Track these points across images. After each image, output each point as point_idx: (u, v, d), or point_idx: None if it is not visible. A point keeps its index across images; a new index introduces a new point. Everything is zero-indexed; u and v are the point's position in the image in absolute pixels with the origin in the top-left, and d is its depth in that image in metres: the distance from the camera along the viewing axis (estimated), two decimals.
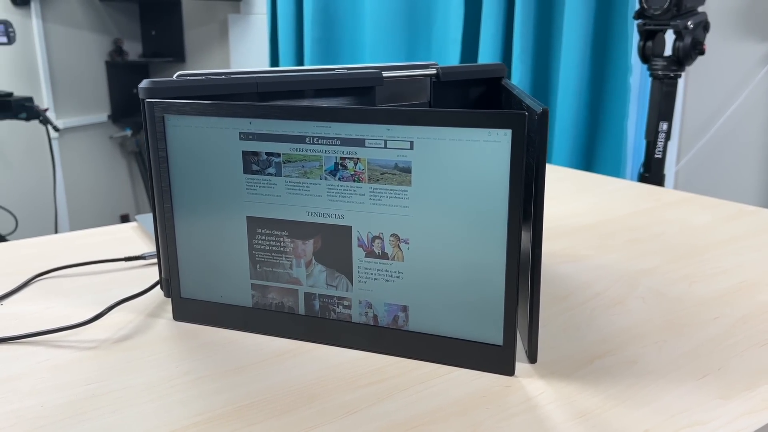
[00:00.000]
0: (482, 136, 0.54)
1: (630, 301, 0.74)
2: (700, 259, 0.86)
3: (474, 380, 0.58)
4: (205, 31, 2.60)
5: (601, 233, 0.97)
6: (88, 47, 2.56)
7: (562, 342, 0.65)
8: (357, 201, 0.59)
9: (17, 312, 0.72)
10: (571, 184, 1.26)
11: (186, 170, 0.65)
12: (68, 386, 0.57)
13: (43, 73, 2.41)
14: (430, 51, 2.23)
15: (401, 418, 0.52)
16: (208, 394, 0.56)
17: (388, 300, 0.61)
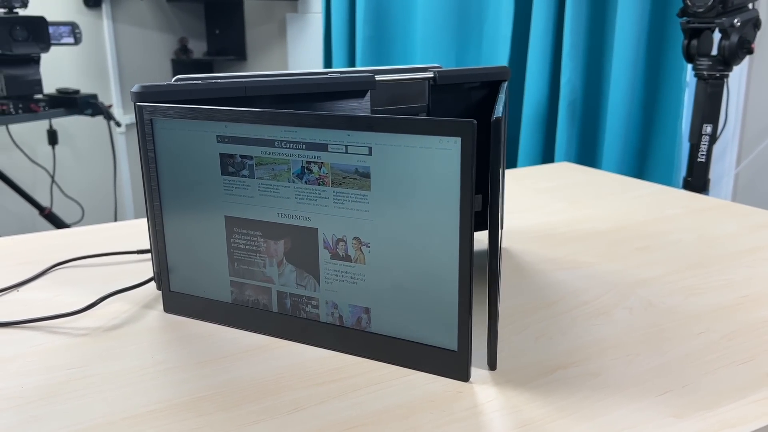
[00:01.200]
0: (434, 144, 0.55)
1: (616, 312, 0.72)
2: (708, 271, 0.83)
3: (428, 384, 0.58)
4: (264, 30, 2.68)
5: (612, 240, 0.95)
6: (154, 46, 2.69)
7: (531, 350, 0.64)
8: (322, 204, 0.61)
9: (29, 298, 0.78)
10: (599, 187, 1.23)
11: (172, 170, 0.68)
12: (51, 370, 0.62)
13: (112, 72, 2.55)
14: (480, 49, 2.21)
15: (343, 418, 0.54)
16: (173, 384, 0.59)
17: (351, 302, 0.62)
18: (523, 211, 1.09)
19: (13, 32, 1.82)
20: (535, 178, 1.31)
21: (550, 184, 1.27)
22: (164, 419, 0.54)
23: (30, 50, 1.86)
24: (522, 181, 1.29)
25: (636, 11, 1.77)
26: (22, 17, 1.84)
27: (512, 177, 1.32)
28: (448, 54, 2.22)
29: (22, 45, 1.85)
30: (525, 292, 0.77)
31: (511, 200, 1.16)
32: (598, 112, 1.99)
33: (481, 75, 0.85)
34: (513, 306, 0.74)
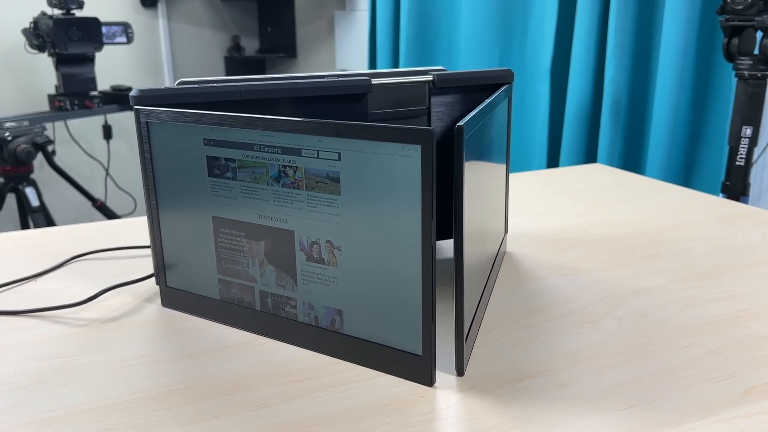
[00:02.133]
0: (397, 151, 0.55)
1: (604, 321, 0.71)
2: (714, 282, 0.80)
3: (393, 387, 0.59)
4: (314, 27, 2.71)
5: (622, 246, 0.93)
6: (208, 44, 2.77)
7: (504, 357, 0.64)
8: (297, 207, 0.63)
9: (43, 288, 0.83)
10: (625, 191, 1.20)
11: (166, 171, 0.71)
12: (45, 358, 0.66)
13: (166, 69, 2.65)
14: (525, 46, 2.18)
15: (301, 417, 0.55)
16: (152, 376, 0.62)
17: (325, 303, 0.64)
18: (539, 215, 1.08)
19: (69, 32, 1.92)
20: (562, 179, 1.29)
21: (576, 186, 1.25)
22: (134, 410, 0.56)
23: (84, 50, 1.96)
24: (547, 182, 1.28)
25: (685, 7, 1.71)
26: (78, 18, 1.93)
27: (537, 178, 1.30)
28: (491, 51, 2.20)
29: (77, 45, 1.94)
30: (515, 298, 0.77)
31: (529, 203, 1.14)
32: (643, 113, 1.93)
33: (483, 78, 0.85)
34: (499, 312, 0.73)
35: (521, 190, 1.22)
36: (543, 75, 2.08)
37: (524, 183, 1.28)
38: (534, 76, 2.13)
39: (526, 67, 2.16)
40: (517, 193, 1.20)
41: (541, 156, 2.14)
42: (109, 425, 0.54)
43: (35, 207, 2.00)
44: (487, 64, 2.19)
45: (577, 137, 2.01)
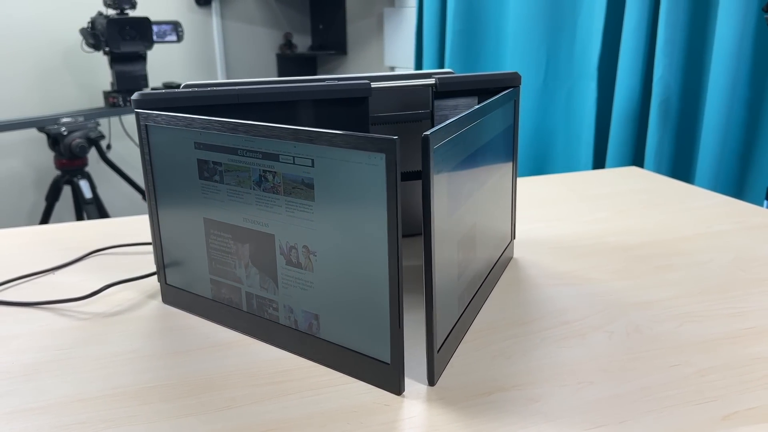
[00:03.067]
0: (364, 159, 0.55)
1: (594, 335, 0.68)
2: (724, 297, 0.76)
3: (362, 394, 0.59)
4: (364, 24, 2.72)
5: (636, 255, 0.89)
6: (260, 42, 2.82)
7: (481, 368, 0.63)
8: (276, 212, 0.63)
9: (59, 281, 0.87)
10: (654, 196, 1.16)
11: (163, 173, 0.73)
12: (44, 349, 0.69)
13: (219, 67, 2.71)
14: (574, 42, 2.12)
15: (264, 420, 0.56)
16: (135, 372, 0.64)
17: (303, 307, 0.64)
18: (556, 220, 1.05)
19: (122, 32, 1.99)
20: (591, 183, 1.26)
21: (604, 190, 1.21)
22: (109, 405, 0.59)
23: (135, 48, 2.03)
24: (574, 186, 1.24)
25: (740, 1, 1.63)
26: (130, 18, 2.01)
27: (564, 181, 1.27)
28: (538, 48, 2.15)
29: (129, 43, 2.02)
30: (509, 307, 0.75)
31: (549, 207, 1.12)
32: (695, 114, 1.85)
33: (488, 81, 0.83)
34: (488, 321, 0.72)
35: (544, 194, 1.20)
36: (590, 73, 2.02)
37: (549, 186, 1.25)
38: (582, 74, 2.08)
39: (575, 64, 2.11)
40: (537, 197, 1.18)
41: (587, 157, 2.08)
42: (84, 419, 0.57)
43: (88, 199, 2.09)
44: (534, 62, 2.15)
45: (624, 138, 1.95)
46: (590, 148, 2.06)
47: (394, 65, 2.70)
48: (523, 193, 1.21)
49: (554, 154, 2.23)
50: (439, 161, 0.58)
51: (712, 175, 1.73)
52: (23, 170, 2.60)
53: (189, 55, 2.64)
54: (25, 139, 2.46)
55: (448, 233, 0.62)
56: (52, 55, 2.41)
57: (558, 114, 2.18)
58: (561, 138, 2.19)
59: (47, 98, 2.42)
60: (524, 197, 1.18)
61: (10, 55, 2.35)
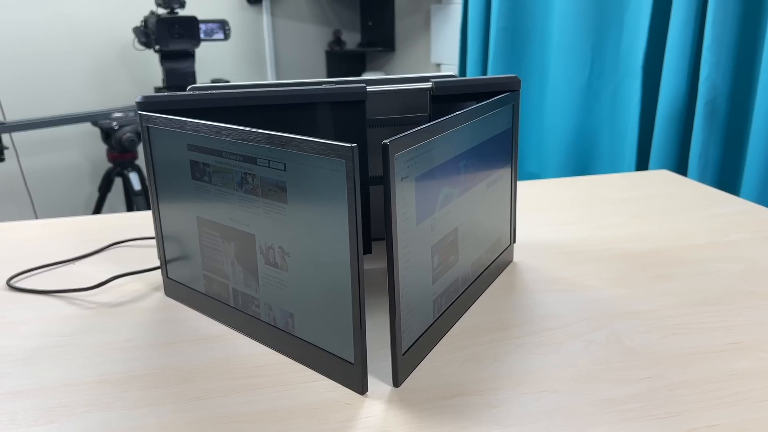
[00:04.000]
0: (327, 164, 0.57)
1: (572, 343, 0.68)
2: (718, 309, 0.74)
3: (328, 392, 0.61)
4: (411, 21, 2.73)
5: (639, 263, 0.88)
6: (310, 39, 2.86)
7: (450, 372, 0.64)
8: (256, 213, 0.66)
9: (77, 271, 0.92)
10: (678, 202, 1.13)
11: (163, 172, 0.77)
12: (48, 335, 0.74)
13: (269, 63, 2.77)
14: (620, 39, 2.07)
15: (228, 413, 0.58)
16: (125, 360, 0.68)
17: (280, 305, 0.67)
18: (567, 224, 1.04)
19: (171, 30, 2.07)
20: (615, 186, 1.23)
21: (626, 194, 1.18)
22: (93, 391, 0.63)
23: (183, 46, 2.11)
24: (597, 189, 1.22)
25: None
26: (179, 17, 2.08)
27: (588, 184, 1.25)
28: (583, 45, 2.11)
29: (177, 41, 2.09)
30: (495, 311, 0.76)
31: (564, 211, 1.10)
32: (743, 116, 1.78)
33: (486, 85, 0.83)
34: (469, 324, 0.73)
35: (562, 197, 1.18)
36: (635, 71, 1.97)
37: (570, 189, 1.23)
38: (627, 72, 2.02)
39: (621, 62, 2.06)
40: (554, 200, 1.17)
41: (630, 158, 2.03)
42: (68, 402, 0.61)
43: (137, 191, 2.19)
44: (578, 59, 2.11)
45: (668, 140, 1.89)
46: (634, 149, 2.01)
47: (440, 62, 2.70)
48: (539, 195, 1.20)
49: (598, 155, 2.19)
50: (403, 168, 0.59)
51: (759, 182, 1.66)
52: (80, 162, 2.74)
53: (239, 53, 2.72)
54: (82, 132, 2.59)
55: (418, 238, 0.63)
56: (108, 53, 2.53)
57: (602, 113, 2.13)
58: (605, 138, 2.15)
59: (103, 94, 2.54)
60: (540, 200, 1.17)
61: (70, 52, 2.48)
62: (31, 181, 2.60)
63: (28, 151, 2.59)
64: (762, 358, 0.64)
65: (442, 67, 2.70)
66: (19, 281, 0.89)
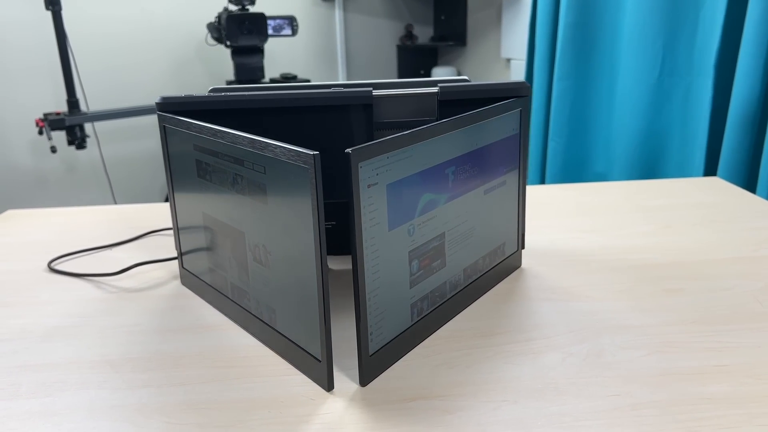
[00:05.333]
0: (295, 170, 0.60)
1: (550, 355, 0.68)
2: (716, 329, 0.72)
3: (298, 386, 0.64)
4: (484, 15, 2.70)
5: (650, 276, 0.85)
6: (381, 33, 2.89)
7: (420, 375, 0.65)
8: (246, 212, 0.70)
9: (111, 256, 0.99)
10: (719, 212, 1.08)
11: (177, 169, 0.82)
12: (69, 316, 0.81)
13: (340, 58, 2.82)
14: (694, 36, 1.97)
15: (200, 399, 0.62)
16: (126, 343, 0.74)
17: (265, 301, 0.70)
18: (589, 231, 1.02)
19: (241, 26, 2.15)
20: (657, 193, 1.19)
21: (664, 202, 1.14)
22: (92, 370, 0.68)
23: (251, 42, 2.19)
24: (636, 195, 1.19)
25: None
26: (248, 13, 2.16)
27: (628, 189, 1.22)
28: (654, 42, 2.03)
29: (246, 37, 2.17)
30: (483, 317, 0.76)
31: (593, 217, 1.08)
32: None
33: (493, 91, 0.83)
34: (455, 329, 0.74)
35: (594, 202, 1.15)
36: (707, 70, 1.87)
37: (606, 194, 1.20)
38: (700, 71, 1.93)
39: (694, 59, 1.97)
40: (586, 205, 1.14)
41: (700, 161, 1.94)
42: (66, 379, 0.67)
43: None
44: (649, 56, 2.03)
45: (739, 144, 1.79)
46: (703, 152, 1.91)
47: (510, 57, 2.66)
48: (572, 200, 1.17)
49: (666, 157, 2.10)
50: (371, 176, 0.60)
51: None
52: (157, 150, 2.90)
53: (311, 48, 2.78)
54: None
55: (391, 244, 0.64)
56: (186, 47, 2.66)
57: (672, 114, 2.04)
58: (675, 140, 2.06)
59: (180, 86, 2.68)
60: (570, 205, 1.15)
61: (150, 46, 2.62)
62: (111, 167, 2.78)
63: (108, 140, 2.77)
64: (744, 383, 0.62)
65: (512, 62, 2.65)
66: (59, 264, 0.97)
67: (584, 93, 2.27)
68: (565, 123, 2.30)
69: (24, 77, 2.61)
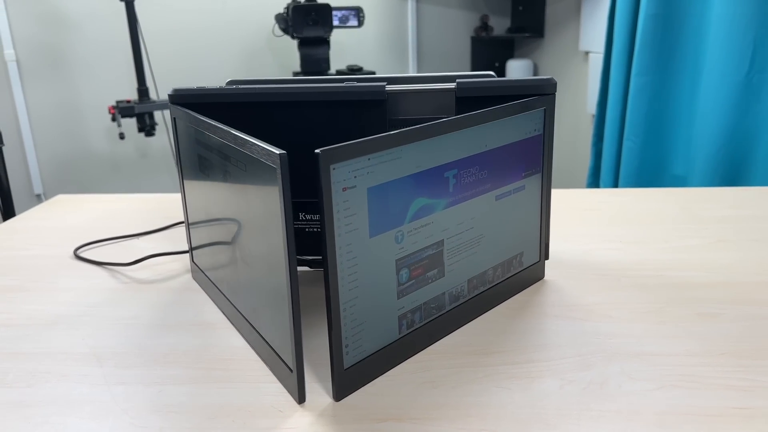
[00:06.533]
0: (268, 171, 0.56)
1: (548, 381, 0.61)
2: (752, 364, 0.63)
3: (271, 395, 0.61)
4: (563, 6, 2.57)
5: (686, 297, 0.77)
6: (455, 24, 2.80)
7: (400, 393, 0.61)
8: (232, 209, 0.67)
9: (137, 245, 1.00)
10: None
11: (186, 162, 0.81)
12: (78, 304, 0.81)
13: (411, 50, 2.76)
14: None
15: (171, 402, 0.61)
16: (120, 336, 0.73)
17: (250, 302, 0.68)
18: (634, 242, 0.93)
19: (307, 17, 2.15)
20: (721, 202, 1.08)
21: (728, 213, 1.04)
22: (78, 361, 0.68)
23: (316, 33, 2.17)
24: (694, 204, 1.08)
25: None
26: (315, 4, 2.15)
27: (686, 197, 1.11)
28: (744, 36, 1.87)
29: (311, 29, 2.16)
30: (486, 333, 0.70)
31: (641, 227, 0.99)
32: None
33: (515, 88, 0.77)
34: (451, 345, 0.69)
35: (647, 210, 1.06)
36: None
37: (660, 201, 1.10)
38: None
39: None
40: (636, 213, 1.05)
41: None
42: (52, 369, 0.67)
43: None
44: (738, 51, 1.86)
45: None
46: None
47: (589, 50, 2.53)
48: (621, 207, 1.09)
49: (753, 162, 1.93)
50: (347, 178, 0.56)
51: None
52: None
53: (381, 39, 2.74)
54: None
55: (373, 251, 0.60)
56: (257, 38, 2.68)
57: (762, 114, 1.87)
58: (763, 143, 1.88)
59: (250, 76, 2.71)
60: (619, 212, 1.06)
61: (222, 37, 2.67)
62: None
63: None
64: None
65: (590, 55, 2.52)
66: (84, 251, 0.99)
67: (664, 89, 2.12)
68: (643, 121, 2.16)
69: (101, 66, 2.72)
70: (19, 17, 2.66)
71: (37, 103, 2.76)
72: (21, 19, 2.65)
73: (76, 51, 2.71)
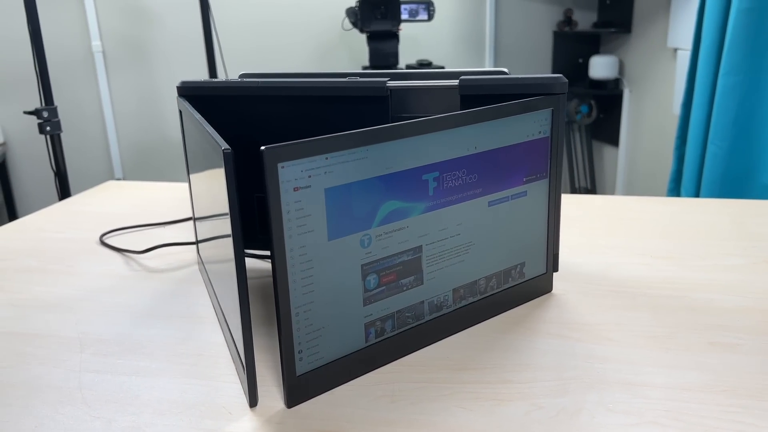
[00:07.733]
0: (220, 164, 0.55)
1: (516, 406, 0.57)
2: (748, 406, 0.56)
3: (229, 396, 0.60)
4: (653, 0, 2.41)
5: (701, 323, 0.69)
6: (536, 18, 2.69)
7: (355, 405, 0.58)
8: (214, 205, 0.66)
9: (158, 234, 1.02)
10: None
11: (190, 155, 0.81)
12: (86, 289, 0.84)
13: (488, 45, 2.67)
14: None
15: (131, 394, 0.61)
16: (110, 323, 0.74)
17: (226, 297, 0.67)
18: (666, 257, 0.86)
19: (375, 11, 2.12)
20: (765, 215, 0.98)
21: None
22: (60, 347, 0.70)
23: (384, 27, 2.15)
24: (747, 218, 0.98)
25: None
26: None
27: (742, 210, 1.01)
28: None
29: (379, 22, 2.14)
30: (465, 348, 0.66)
31: (681, 240, 0.91)
32: None
33: (522, 86, 0.72)
34: (426, 357, 0.65)
35: (691, 222, 0.97)
36: None
37: (711, 213, 1.00)
38: None
39: None
40: (678, 225, 0.96)
41: None
42: (36, 353, 0.69)
43: None
44: None
45: None
46: None
47: (677, 47, 2.36)
48: (664, 217, 1.00)
49: None
50: (300, 178, 0.54)
51: None
52: None
53: (457, 34, 2.67)
54: None
55: (332, 254, 0.57)
56: (330, 32, 2.69)
57: None
58: None
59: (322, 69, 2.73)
60: (659, 223, 0.98)
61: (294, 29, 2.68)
62: None
63: None
64: None
65: (678, 52, 2.35)
66: (109, 237, 1.02)
67: (755, 91, 1.95)
68: (730, 125, 2.00)
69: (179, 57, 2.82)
70: (106, 11, 2.80)
71: (119, 92, 2.90)
72: (107, 13, 2.80)
73: (157, 43, 2.82)
